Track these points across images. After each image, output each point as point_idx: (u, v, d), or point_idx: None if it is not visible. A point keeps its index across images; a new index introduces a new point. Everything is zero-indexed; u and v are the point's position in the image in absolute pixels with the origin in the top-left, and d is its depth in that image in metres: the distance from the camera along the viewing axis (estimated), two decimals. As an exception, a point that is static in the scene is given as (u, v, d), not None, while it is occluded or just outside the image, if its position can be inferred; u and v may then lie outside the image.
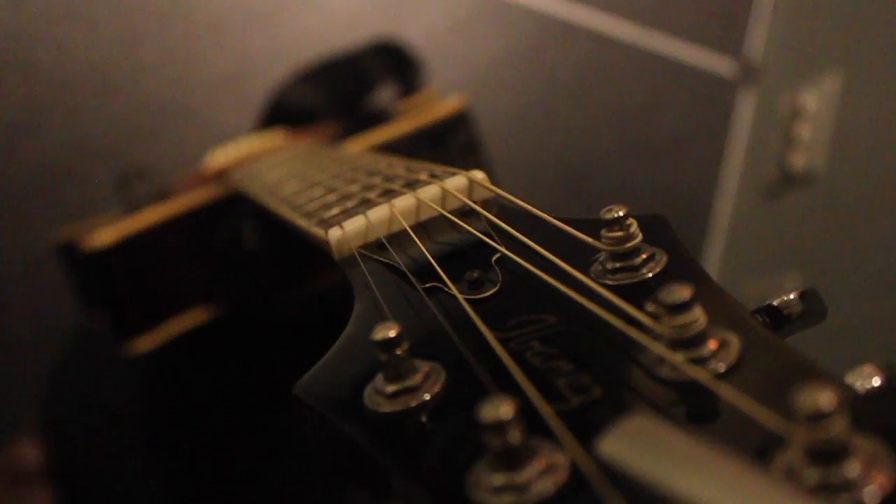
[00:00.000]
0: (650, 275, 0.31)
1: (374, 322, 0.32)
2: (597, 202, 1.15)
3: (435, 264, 0.35)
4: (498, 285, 0.33)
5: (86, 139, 1.16)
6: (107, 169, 1.13)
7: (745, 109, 1.25)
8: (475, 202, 0.40)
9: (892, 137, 1.01)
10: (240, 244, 0.87)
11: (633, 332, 0.27)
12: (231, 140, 1.04)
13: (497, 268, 0.35)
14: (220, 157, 0.98)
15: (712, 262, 1.24)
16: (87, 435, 1.04)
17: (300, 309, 0.92)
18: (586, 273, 0.32)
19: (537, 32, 1.26)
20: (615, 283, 0.31)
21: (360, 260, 0.38)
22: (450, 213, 0.40)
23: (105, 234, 0.82)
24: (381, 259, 0.38)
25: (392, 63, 1.14)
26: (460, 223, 0.38)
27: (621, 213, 0.31)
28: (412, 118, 0.90)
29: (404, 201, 0.41)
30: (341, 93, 1.14)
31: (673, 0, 1.27)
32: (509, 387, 0.27)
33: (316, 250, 0.43)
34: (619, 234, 0.31)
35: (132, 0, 1.21)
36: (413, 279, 0.35)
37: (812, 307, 0.31)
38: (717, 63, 1.24)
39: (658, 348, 0.26)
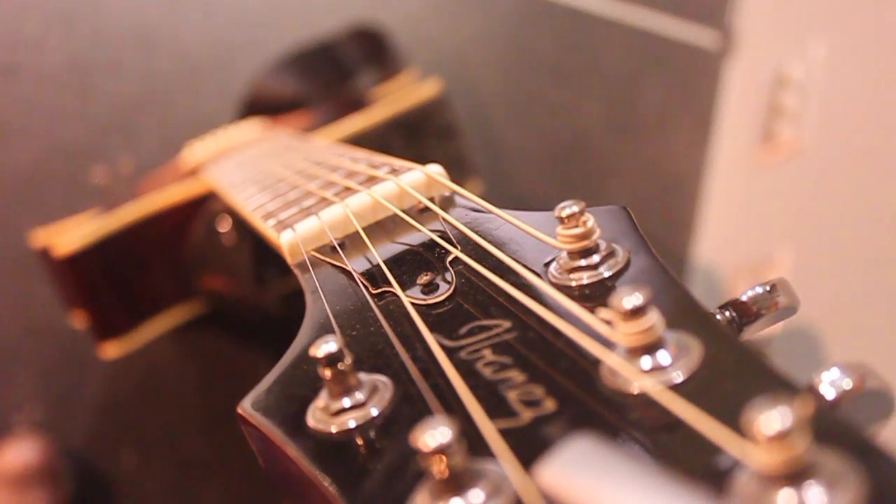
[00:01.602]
0: (608, 273, 0.29)
1: (321, 333, 0.31)
2: (585, 180, 1.13)
3: (385, 268, 0.33)
4: (451, 288, 0.32)
5: (65, 139, 1.14)
6: (87, 168, 1.11)
7: (730, 80, 1.23)
8: (433, 198, 0.38)
9: (880, 104, 0.98)
10: (217, 240, 0.85)
11: (587, 342, 0.25)
12: (209, 132, 1.02)
13: (451, 269, 0.33)
14: (197, 150, 0.96)
15: (702, 236, 1.21)
16: (82, 434, 1.04)
17: (280, 303, 0.91)
18: (544, 273, 0.30)
19: (516, 11, 1.24)
20: (573, 283, 0.29)
21: (311, 264, 0.36)
22: (407, 210, 0.38)
23: (77, 238, 0.80)
24: (334, 263, 0.36)
25: (370, 48, 1.12)
26: (415, 223, 0.36)
27: (575, 209, 0.29)
28: (389, 105, 0.88)
29: (359, 200, 0.39)
30: (320, 81, 1.12)
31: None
32: (455, 403, 0.25)
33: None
34: (575, 231, 0.29)
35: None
36: (364, 284, 0.33)
37: (782, 300, 0.29)
38: (700, 35, 1.22)
39: (612, 358, 0.24)
